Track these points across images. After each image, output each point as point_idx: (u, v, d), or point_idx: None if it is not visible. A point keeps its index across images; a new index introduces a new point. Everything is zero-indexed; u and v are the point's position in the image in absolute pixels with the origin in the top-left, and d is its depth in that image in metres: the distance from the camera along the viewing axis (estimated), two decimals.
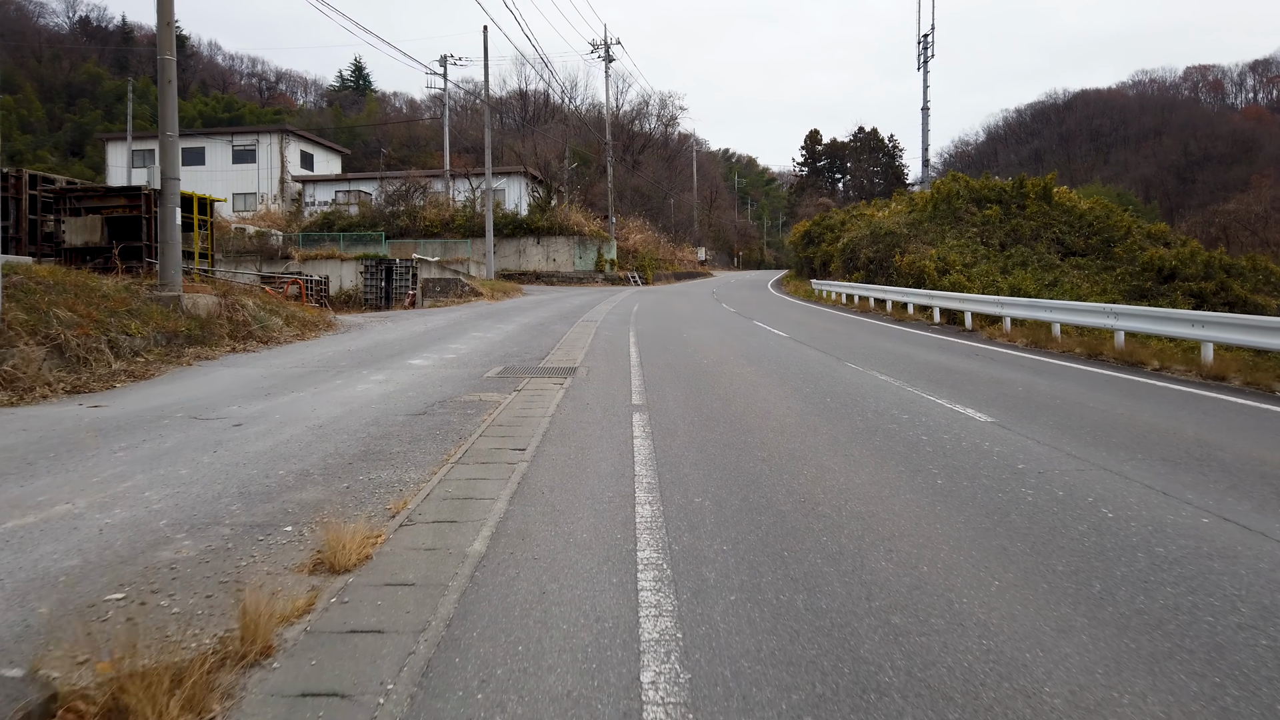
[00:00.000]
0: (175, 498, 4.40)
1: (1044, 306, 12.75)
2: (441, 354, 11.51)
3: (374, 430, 6.23)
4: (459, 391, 8.14)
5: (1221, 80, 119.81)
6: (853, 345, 12.63)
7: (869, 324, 17.77)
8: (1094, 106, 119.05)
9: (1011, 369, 9.88)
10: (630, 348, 12.16)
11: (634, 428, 6.18)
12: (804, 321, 18.28)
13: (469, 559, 3.39)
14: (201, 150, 50.64)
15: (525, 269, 42.82)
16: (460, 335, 14.36)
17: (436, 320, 17.90)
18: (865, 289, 23.61)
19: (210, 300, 12.53)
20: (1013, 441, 5.61)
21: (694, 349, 11.98)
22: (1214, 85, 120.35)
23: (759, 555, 3.40)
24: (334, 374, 9.46)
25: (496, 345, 12.71)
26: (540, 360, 10.77)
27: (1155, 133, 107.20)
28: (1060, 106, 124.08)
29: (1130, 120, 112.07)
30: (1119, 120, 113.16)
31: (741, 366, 9.90)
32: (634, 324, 16.77)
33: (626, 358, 10.90)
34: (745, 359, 10.70)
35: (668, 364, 10.17)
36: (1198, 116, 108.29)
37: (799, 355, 11.17)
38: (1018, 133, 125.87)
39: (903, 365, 10.04)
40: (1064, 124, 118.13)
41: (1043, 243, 28.38)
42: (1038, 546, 3.49)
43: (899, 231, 27.50)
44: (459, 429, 6.27)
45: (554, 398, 7.63)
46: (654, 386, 8.29)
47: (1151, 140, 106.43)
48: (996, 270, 24.53)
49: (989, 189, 31.26)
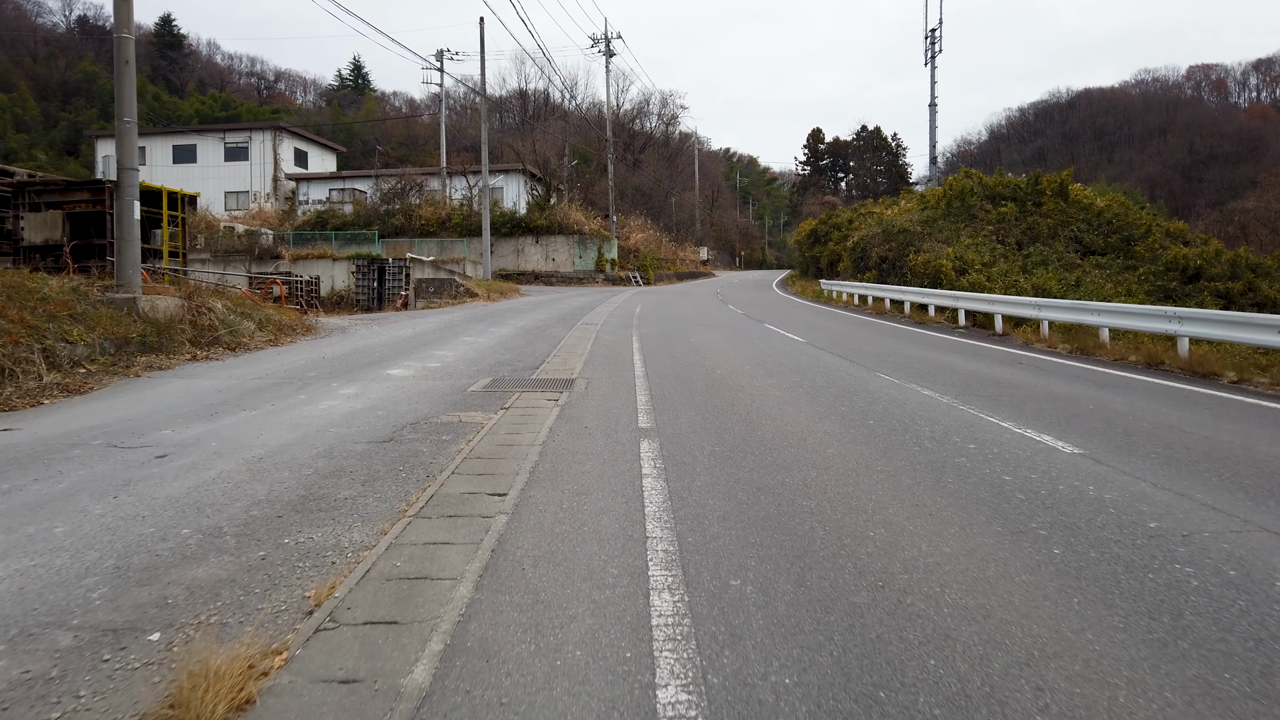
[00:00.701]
0: (25, 575, 3.24)
1: (1089, 309, 11.59)
2: (425, 362, 10.36)
3: (323, 464, 5.07)
4: (437, 410, 6.99)
5: (1224, 79, 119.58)
6: (879, 352, 11.47)
7: (888, 327, 16.61)
8: (1098, 105, 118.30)
9: (1069, 381, 8.71)
10: (634, 355, 11.02)
11: (642, 461, 5.03)
12: (817, 324, 17.12)
13: (403, 702, 2.24)
14: (193, 147, 49.51)
15: (524, 269, 41.67)
16: (449, 340, 13.20)
17: (427, 323, 16.75)
18: (880, 289, 22.45)
19: (172, 303, 11.38)
20: (1121, 484, 4.45)
21: (704, 356, 10.83)
22: (1217, 84, 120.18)
23: (843, 699, 2.24)
24: (299, 387, 8.31)
25: (487, 352, 11.55)
26: (534, 370, 9.62)
27: (1160, 131, 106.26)
28: (1063, 105, 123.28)
29: (1134, 119, 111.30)
30: (1123, 119, 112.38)
31: (760, 378, 8.74)
32: (637, 327, 15.62)
33: (630, 367, 9.75)
34: (763, 368, 9.55)
35: (676, 375, 9.01)
36: (1202, 115, 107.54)
37: (822, 364, 10.02)
38: (1021, 132, 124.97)
39: (943, 377, 8.88)
40: (1067, 123, 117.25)
41: (1060, 241, 27.29)
42: (1255, 679, 2.33)
43: (913, 229, 26.33)
44: (428, 462, 5.12)
45: (546, 419, 6.48)
46: (663, 404, 7.14)
47: (1156, 139, 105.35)
48: (1016, 270, 23.38)
49: (1003, 186, 30.18)
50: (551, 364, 10.16)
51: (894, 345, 12.48)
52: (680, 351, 11.42)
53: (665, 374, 9.08)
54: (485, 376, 9.02)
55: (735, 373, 9.18)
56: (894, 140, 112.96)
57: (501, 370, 9.59)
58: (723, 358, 10.66)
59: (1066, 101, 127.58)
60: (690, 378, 8.78)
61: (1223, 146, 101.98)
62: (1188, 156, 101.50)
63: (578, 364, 10.07)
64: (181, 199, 15.01)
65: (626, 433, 5.93)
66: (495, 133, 63.58)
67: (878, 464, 4.93)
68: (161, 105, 75.53)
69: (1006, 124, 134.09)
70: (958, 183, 30.32)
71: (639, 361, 10.25)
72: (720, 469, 4.83)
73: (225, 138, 49.32)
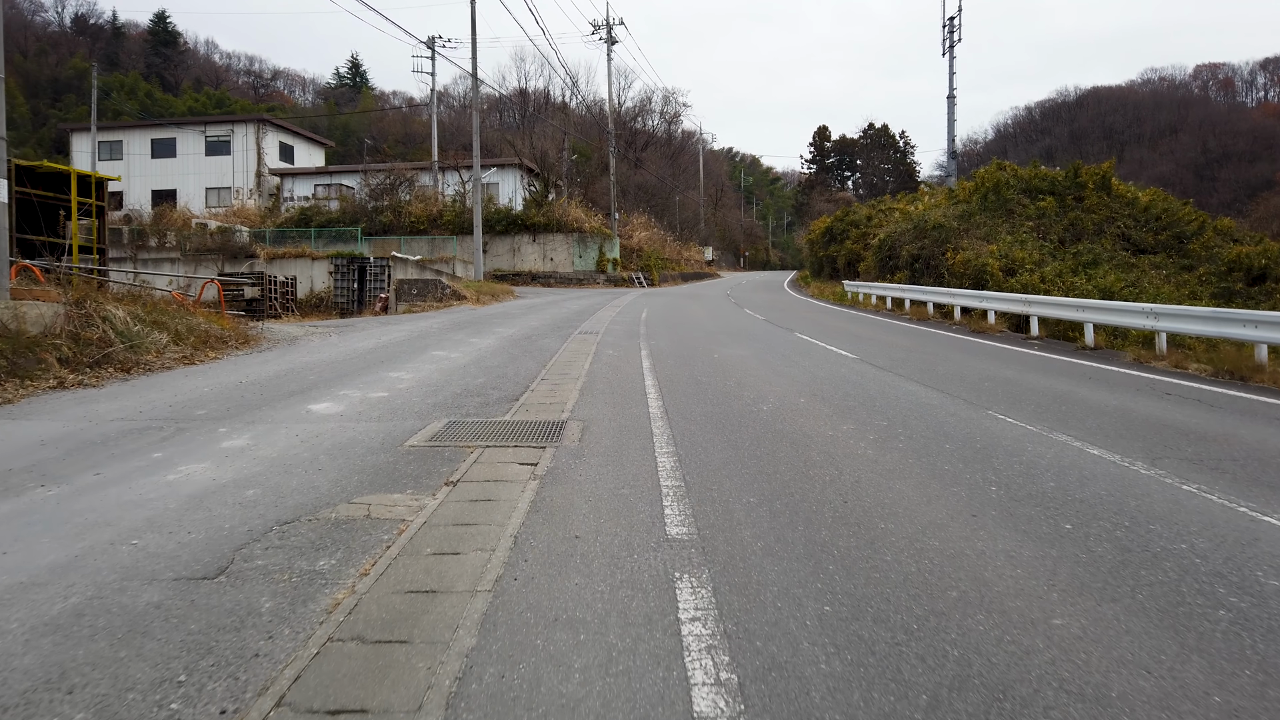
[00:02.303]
0: None
1: (1238, 319, 8.94)
2: (370, 390, 7.77)
3: (25, 677, 2.49)
4: (344, 485, 4.42)
5: (1232, 78, 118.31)
6: (963, 374, 8.87)
7: (945, 337, 14.01)
8: (1106, 104, 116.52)
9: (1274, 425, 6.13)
10: (645, 378, 8.44)
11: (688, 651, 2.46)
12: (858, 333, 14.53)
13: None
14: (173, 141, 46.96)
15: (520, 269, 39.07)
16: (415, 355, 10.63)
17: (398, 332, 14.17)
18: (923, 292, 19.82)
19: (48, 310, 8.81)
20: None
21: (737, 381, 8.24)
22: (1224, 83, 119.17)
23: None
24: (169, 434, 5.74)
25: (456, 373, 8.97)
26: (512, 403, 7.03)
27: (1171, 130, 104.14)
28: (1071, 104, 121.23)
29: (1145, 118, 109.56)
30: (1133, 118, 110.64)
31: (828, 419, 6.16)
32: (645, 338, 13.04)
33: (641, 399, 7.17)
34: (824, 402, 6.96)
35: (708, 415, 6.42)
36: (1214, 114, 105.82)
37: (901, 395, 7.42)
38: (1028, 130, 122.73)
39: (1089, 419, 6.28)
40: (1075, 121, 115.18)
41: (1108, 238, 24.78)
42: None
43: (948, 225, 23.73)
44: (251, 652, 2.54)
45: (511, 513, 3.90)
46: (700, 474, 4.57)
47: (1168, 138, 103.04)
48: (1069, 269, 20.79)
49: (1040, 178, 27.73)
50: (537, 393, 7.57)
51: (975, 365, 9.88)
52: (705, 373, 8.83)
53: (692, 412, 6.49)
54: (441, 415, 6.43)
55: (789, 409, 6.59)
56: (902, 138, 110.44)
57: (467, 403, 7.00)
58: (764, 384, 8.07)
59: (1074, 100, 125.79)
60: (728, 419, 6.19)
61: (1237, 145, 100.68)
62: (1201, 155, 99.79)
63: (571, 394, 7.48)
64: (95, 183, 12.41)
65: (648, 553, 3.35)
66: (494, 130, 61.07)
67: (1208, 692, 2.34)
68: (154, 103, 73.23)
69: (1013, 123, 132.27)
70: (990, 175, 27.80)
71: (653, 390, 7.66)
72: (863, 686, 2.24)
73: (206, 131, 46.75)
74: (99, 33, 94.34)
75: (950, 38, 45.66)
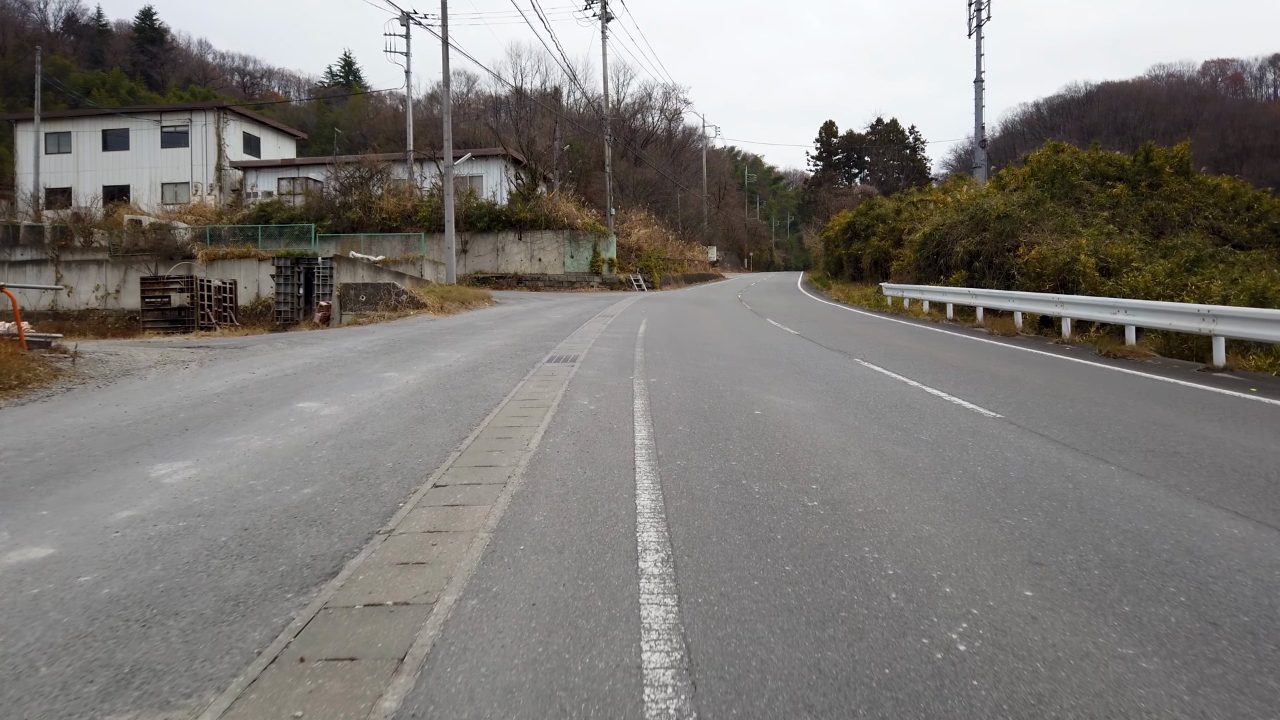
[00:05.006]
0: None
1: None
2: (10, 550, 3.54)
3: None
4: None
5: (1241, 74, 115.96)
6: (1223, 455, 4.64)
7: (1069, 363, 9.77)
8: (1118, 99, 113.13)
9: None
10: (638, 478, 4.16)
11: None
12: (946, 360, 10.28)
13: None
14: (125, 133, 42.72)
15: (504, 271, 34.84)
16: (243, 423, 6.39)
17: (295, 359, 9.91)
18: (1013, 299, 15.44)
19: None
20: None
21: (823, 486, 3.99)
22: (1234, 79, 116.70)
23: None
24: None
25: (283, 462, 4.73)
26: (279, 631, 2.79)
27: (1187, 125, 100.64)
28: (1080, 100, 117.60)
29: (1158, 113, 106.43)
30: (1146, 113, 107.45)
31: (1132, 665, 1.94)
32: (642, 370, 8.78)
33: (628, 580, 2.91)
34: (1066, 580, 2.73)
35: (812, 665, 2.17)
36: (1230, 109, 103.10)
37: (1176, 528, 3.16)
38: (1035, 127, 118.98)
39: None
40: (1085, 117, 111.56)
41: (1196, 231, 20.55)
42: None
43: (1015, 215, 19.47)
44: None
45: None
46: None
47: (1183, 133, 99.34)
48: (1181, 268, 16.55)
49: (1108, 162, 23.63)
50: (388, 548, 3.30)
51: (1160, 414, 5.62)
52: (754, 464, 4.54)
53: (774, 662, 2.24)
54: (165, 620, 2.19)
55: (985, 592, 2.35)
56: (911, 133, 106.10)
57: (248, 563, 2.74)
58: (888, 504, 3.81)
59: (1083, 96, 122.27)
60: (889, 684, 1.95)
61: (1258, 140, 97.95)
62: (1220, 150, 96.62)
63: (463, 554, 3.20)
64: None
65: None
66: (487, 129, 56.90)
67: None
68: (137, 100, 69.25)
69: (1021, 120, 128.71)
70: (1049, 158, 23.61)
71: (653, 528, 3.39)
72: None
73: (162, 120, 42.49)
74: (84, 31, 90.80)
75: (978, 15, 41.39)
